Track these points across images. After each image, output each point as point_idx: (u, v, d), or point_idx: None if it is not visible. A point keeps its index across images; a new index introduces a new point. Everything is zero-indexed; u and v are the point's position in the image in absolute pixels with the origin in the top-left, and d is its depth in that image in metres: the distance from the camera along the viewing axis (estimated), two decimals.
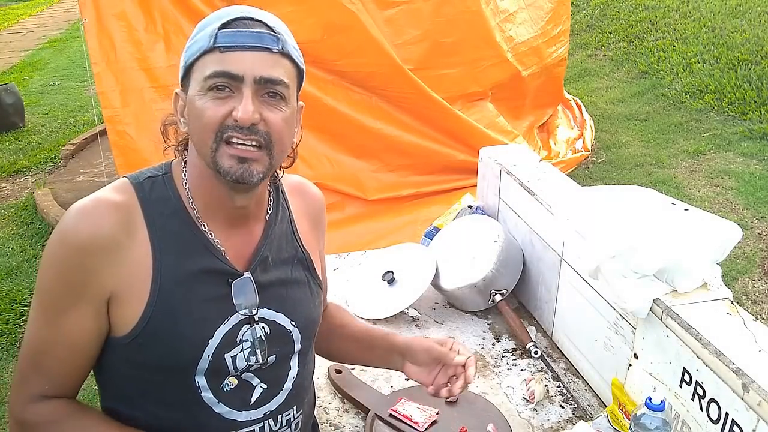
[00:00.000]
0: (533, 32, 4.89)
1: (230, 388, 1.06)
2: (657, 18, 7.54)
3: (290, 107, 1.02)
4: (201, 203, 1.06)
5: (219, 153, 0.98)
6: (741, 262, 3.60)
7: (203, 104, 0.98)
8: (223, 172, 0.99)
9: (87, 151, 5.88)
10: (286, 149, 1.05)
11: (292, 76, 1.02)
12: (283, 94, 1.00)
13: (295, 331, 1.13)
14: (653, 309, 1.32)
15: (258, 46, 0.97)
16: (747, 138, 5.12)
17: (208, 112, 0.97)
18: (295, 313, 1.13)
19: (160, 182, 1.05)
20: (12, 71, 8.81)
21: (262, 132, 0.99)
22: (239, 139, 0.97)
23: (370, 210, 4.07)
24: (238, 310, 1.06)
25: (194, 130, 1.01)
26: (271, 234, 1.13)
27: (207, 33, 0.98)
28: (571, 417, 1.55)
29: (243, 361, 1.06)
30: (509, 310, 1.89)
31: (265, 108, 0.99)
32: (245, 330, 1.06)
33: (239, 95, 0.97)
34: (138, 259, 1.00)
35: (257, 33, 0.98)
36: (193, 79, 1.00)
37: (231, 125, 0.97)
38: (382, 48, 3.91)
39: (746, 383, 1.08)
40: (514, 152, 2.20)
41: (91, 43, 3.55)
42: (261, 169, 1.00)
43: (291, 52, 1.01)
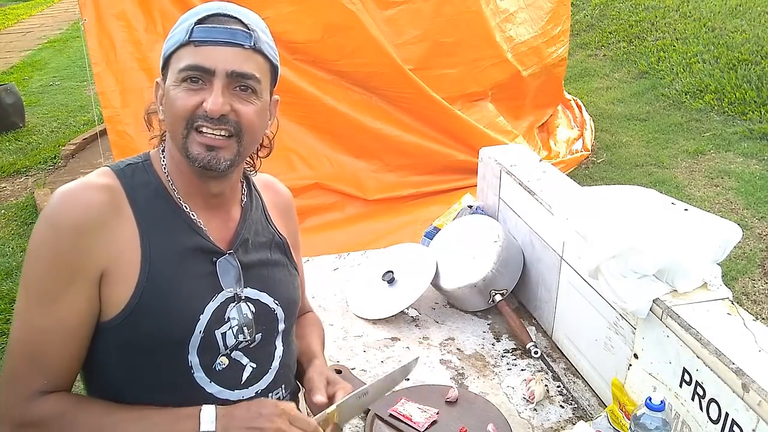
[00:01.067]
0: (533, 32, 4.89)
1: (222, 367, 1.09)
2: (657, 18, 7.54)
3: (262, 100, 1.08)
4: (180, 187, 1.11)
5: (189, 140, 1.04)
6: (741, 262, 3.59)
7: (176, 94, 1.03)
8: (192, 158, 1.04)
9: (87, 151, 5.88)
10: (256, 139, 1.11)
11: (264, 71, 1.07)
12: (254, 88, 1.05)
13: (279, 309, 1.17)
14: (653, 309, 1.32)
15: (231, 41, 1.02)
16: (747, 138, 5.12)
17: (180, 101, 1.02)
18: (278, 293, 1.18)
19: (141, 168, 1.10)
20: (12, 71, 8.81)
21: (232, 121, 1.04)
22: (208, 128, 1.03)
23: (370, 210, 4.07)
24: (225, 288, 1.10)
25: (168, 118, 1.07)
26: (249, 218, 1.18)
27: (184, 27, 1.03)
28: (571, 417, 1.55)
29: (232, 338, 1.09)
30: (509, 310, 1.89)
31: (235, 100, 1.04)
32: (232, 308, 1.10)
33: (210, 87, 1.02)
34: (126, 239, 1.03)
35: (231, 29, 1.03)
36: (170, 70, 1.05)
37: (201, 115, 1.02)
38: (382, 48, 3.91)
39: (746, 383, 1.08)
40: (514, 152, 2.20)
41: (91, 43, 3.55)
42: (229, 156, 1.05)
43: (264, 49, 1.06)
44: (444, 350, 1.80)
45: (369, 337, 1.86)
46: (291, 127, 3.88)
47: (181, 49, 1.03)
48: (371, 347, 1.81)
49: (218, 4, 1.05)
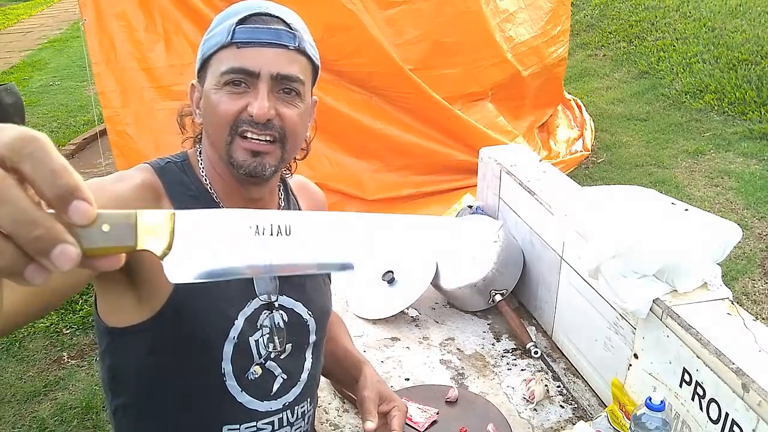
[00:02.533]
0: (533, 32, 4.89)
1: (255, 377, 1.06)
2: (657, 18, 7.54)
3: (305, 103, 1.04)
4: (218, 191, 1.07)
5: (233, 146, 1.00)
6: (741, 262, 3.59)
7: (219, 98, 0.99)
8: (237, 165, 1.00)
9: (87, 151, 5.88)
10: (299, 143, 1.07)
11: (307, 72, 1.03)
12: (298, 90, 1.01)
13: (311, 321, 1.14)
14: (653, 309, 1.32)
15: (275, 42, 0.98)
16: (747, 138, 5.12)
17: (223, 105, 0.98)
18: (312, 303, 1.14)
19: (180, 167, 1.07)
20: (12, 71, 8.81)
21: (276, 126, 1.00)
22: (254, 133, 0.99)
23: (370, 210, 4.06)
24: (258, 295, 1.06)
25: (209, 122, 1.02)
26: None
27: (225, 27, 0.99)
28: (571, 417, 1.55)
29: (263, 347, 1.07)
30: (509, 310, 1.89)
31: (280, 103, 1.00)
32: (265, 316, 1.07)
33: (255, 91, 0.98)
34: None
35: (275, 30, 0.98)
36: (210, 73, 1.01)
37: (246, 120, 0.98)
38: (382, 48, 3.91)
39: (746, 383, 1.08)
40: (514, 152, 2.20)
41: (91, 43, 3.55)
42: (273, 162, 1.02)
43: (307, 49, 1.02)
44: (444, 350, 1.80)
45: (369, 337, 1.86)
46: None
47: (223, 51, 0.99)
48: (371, 347, 1.81)
49: (258, 3, 1.01)
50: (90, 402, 2.81)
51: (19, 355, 3.17)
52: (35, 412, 2.81)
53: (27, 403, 2.86)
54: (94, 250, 0.46)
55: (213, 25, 1.03)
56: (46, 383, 2.97)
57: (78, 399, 2.85)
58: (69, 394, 2.89)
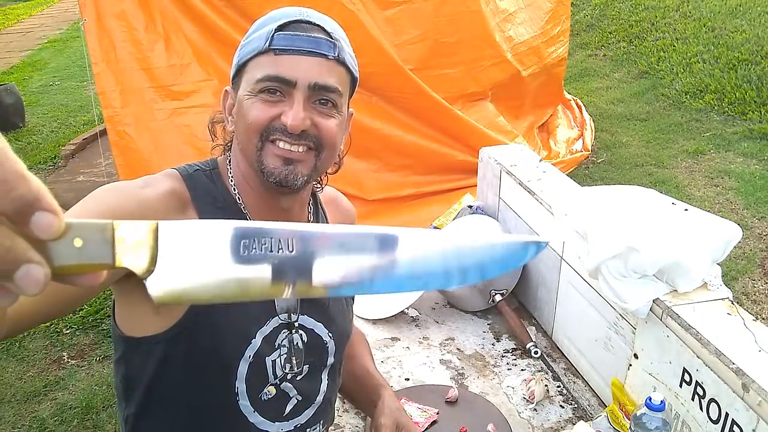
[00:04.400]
0: (533, 32, 4.89)
1: (268, 397, 1.04)
2: (657, 18, 7.54)
3: (342, 115, 1.01)
4: (247, 201, 1.03)
5: (264, 152, 0.96)
6: (741, 262, 3.59)
7: (252, 104, 0.96)
8: (267, 173, 0.97)
9: (87, 151, 5.88)
10: (334, 155, 1.04)
11: (345, 83, 1.00)
12: (335, 102, 0.98)
13: (331, 343, 1.11)
14: (653, 309, 1.32)
15: (314, 51, 0.95)
16: (747, 138, 5.12)
17: (256, 112, 0.95)
18: (334, 325, 1.11)
19: (209, 176, 1.03)
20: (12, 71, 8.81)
21: (311, 136, 0.97)
22: (286, 142, 0.96)
23: (370, 210, 4.06)
24: (279, 314, 1.03)
25: (240, 129, 0.99)
26: None
27: (263, 33, 0.95)
28: (571, 417, 1.55)
29: (279, 367, 1.04)
30: (509, 310, 1.89)
31: (315, 114, 0.97)
32: (284, 335, 1.04)
33: (290, 100, 0.95)
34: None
35: (314, 38, 0.95)
36: (245, 80, 0.98)
37: (279, 128, 0.95)
38: (382, 48, 3.91)
39: (746, 383, 1.08)
40: (514, 152, 2.20)
41: (91, 43, 3.55)
42: (306, 171, 0.98)
43: (347, 60, 0.99)
44: (444, 350, 1.80)
45: (369, 337, 1.86)
46: None
47: (260, 57, 0.95)
48: (371, 347, 1.81)
49: (299, 10, 0.97)
50: (90, 402, 2.81)
51: (19, 355, 3.17)
52: (35, 412, 2.80)
53: (27, 403, 2.86)
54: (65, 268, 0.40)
55: (251, 30, 0.99)
56: (46, 383, 2.97)
57: (78, 399, 2.85)
58: (69, 394, 2.89)
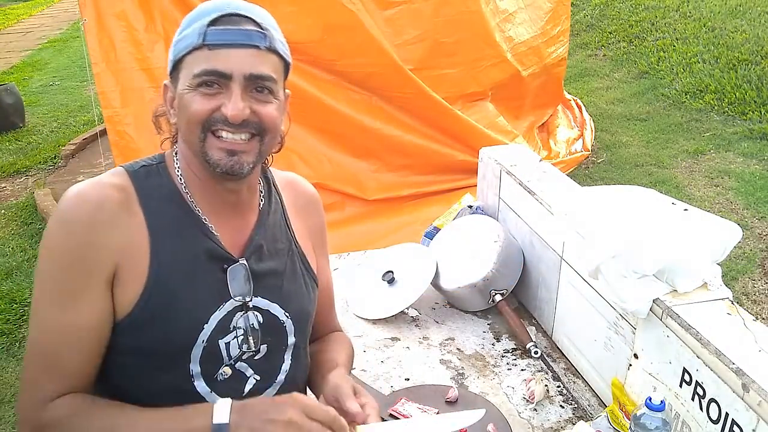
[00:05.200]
0: (533, 32, 4.89)
1: (224, 377, 1.07)
2: (657, 18, 7.54)
3: (279, 99, 1.06)
4: (194, 191, 1.08)
5: (208, 144, 1.02)
6: (741, 262, 3.59)
7: (192, 98, 1.00)
8: (213, 164, 1.02)
9: (87, 151, 5.89)
10: (276, 138, 1.09)
11: (279, 70, 1.05)
12: (271, 89, 1.03)
13: (289, 322, 1.14)
14: (653, 309, 1.32)
15: (247, 43, 1.00)
16: (747, 138, 5.12)
17: (196, 105, 1.00)
18: (290, 305, 1.14)
19: (155, 170, 1.08)
20: (12, 71, 8.81)
21: (252, 123, 1.02)
22: (228, 132, 1.01)
23: (370, 210, 4.07)
24: (233, 296, 1.07)
25: (182, 122, 1.04)
26: (265, 223, 1.14)
27: (196, 29, 1.00)
28: (571, 417, 1.55)
29: (236, 348, 1.07)
30: (509, 310, 1.89)
31: (254, 102, 1.02)
32: (239, 317, 1.07)
33: (228, 92, 1.00)
34: (136, 240, 1.01)
35: (246, 30, 1.00)
36: (183, 75, 1.02)
37: (219, 119, 1.00)
38: (382, 48, 3.91)
39: (746, 383, 1.08)
40: (514, 152, 2.20)
41: (91, 43, 3.55)
42: (251, 159, 1.04)
43: (278, 47, 1.04)
44: (444, 350, 1.80)
45: (369, 337, 1.86)
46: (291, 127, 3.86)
47: (195, 53, 1.00)
48: (371, 347, 1.81)
49: (227, 2, 1.02)
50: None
51: (19, 355, 3.17)
52: None
53: None
54: None
55: (183, 25, 1.04)
56: None
57: None
58: None
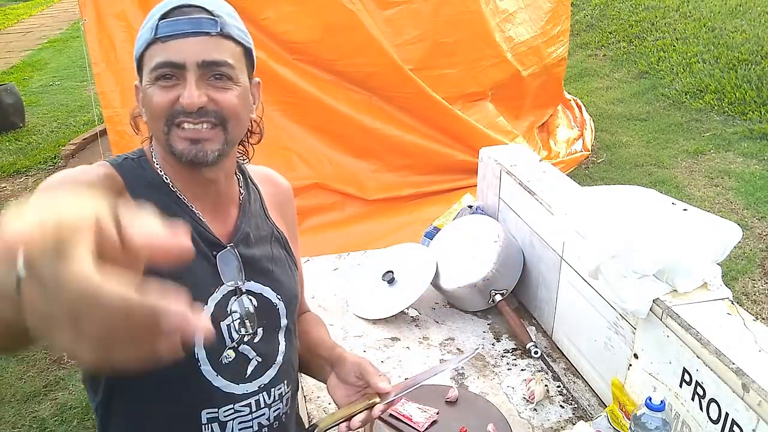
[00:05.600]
0: (533, 32, 4.89)
1: (229, 360, 1.09)
2: (657, 18, 7.54)
3: (240, 85, 1.05)
4: (176, 182, 1.10)
5: (171, 136, 1.03)
6: (741, 262, 3.59)
7: (152, 93, 1.02)
8: (178, 154, 1.03)
9: (87, 151, 5.88)
10: (242, 124, 1.09)
11: (237, 55, 1.05)
12: (229, 75, 1.03)
13: (281, 305, 1.16)
14: (653, 309, 1.32)
15: (197, 31, 1.00)
16: (747, 138, 5.12)
17: (156, 98, 1.01)
18: (281, 288, 1.17)
19: (137, 162, 1.11)
20: (12, 71, 8.81)
21: (212, 112, 1.02)
22: (190, 123, 1.01)
23: (370, 210, 4.07)
24: (225, 282, 1.09)
25: (148, 117, 1.06)
26: (248, 213, 1.17)
27: (150, 25, 1.02)
28: (571, 417, 1.55)
29: (235, 331, 1.09)
30: (509, 310, 1.89)
31: (212, 90, 1.02)
32: (233, 301, 1.09)
33: (184, 82, 1.00)
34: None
35: (195, 19, 1.01)
36: (144, 72, 1.04)
37: (179, 110, 1.01)
38: (382, 48, 3.91)
39: (746, 383, 1.08)
40: (514, 152, 2.20)
41: (91, 43, 3.55)
42: (216, 147, 1.04)
43: (232, 33, 1.04)
44: (444, 350, 1.80)
45: (369, 337, 1.86)
46: (291, 127, 3.88)
47: (150, 48, 1.02)
48: (371, 347, 1.81)
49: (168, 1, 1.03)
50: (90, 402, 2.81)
51: (19, 355, 3.17)
52: (35, 412, 2.81)
53: (27, 403, 2.86)
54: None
55: (142, 25, 1.05)
56: (46, 383, 2.97)
57: (78, 399, 2.85)
58: (69, 394, 2.89)
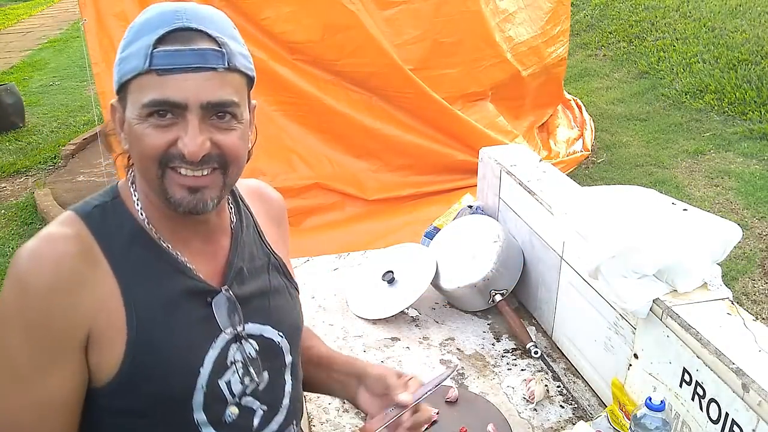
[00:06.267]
0: (533, 32, 4.89)
1: (233, 418, 0.98)
2: (657, 18, 7.54)
3: (243, 122, 0.93)
4: (159, 224, 0.95)
5: (167, 181, 0.89)
6: (741, 262, 3.59)
7: (143, 131, 0.87)
8: (175, 203, 0.90)
9: (87, 151, 5.89)
10: (242, 165, 0.96)
11: (242, 89, 0.92)
12: (233, 113, 0.90)
13: (284, 341, 1.06)
14: (653, 309, 1.32)
15: (202, 66, 0.86)
16: (747, 138, 5.12)
17: (150, 139, 0.87)
18: (282, 323, 1.06)
19: (111, 208, 0.94)
20: (12, 71, 8.81)
21: (214, 157, 0.90)
22: (188, 170, 0.88)
23: (370, 210, 4.07)
24: (223, 330, 0.97)
25: (136, 156, 0.91)
26: (240, 243, 1.04)
27: (141, 49, 0.86)
28: (571, 417, 1.55)
29: (238, 384, 0.98)
30: (509, 310, 1.89)
31: (214, 131, 0.89)
32: (234, 350, 0.98)
33: (184, 122, 0.87)
34: (106, 294, 0.89)
35: (200, 50, 0.86)
36: (130, 100, 0.88)
37: (177, 155, 0.87)
38: (382, 48, 3.91)
39: (746, 383, 1.08)
40: (514, 152, 2.20)
41: (91, 43, 3.56)
42: (215, 194, 0.92)
43: (239, 64, 0.90)
44: (444, 350, 1.80)
45: (369, 337, 1.86)
46: (291, 127, 3.88)
47: (141, 78, 0.86)
48: (371, 347, 1.81)
49: (174, 11, 0.87)
50: None
51: None
52: None
53: None
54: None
55: (127, 39, 0.89)
56: None
57: None
58: None
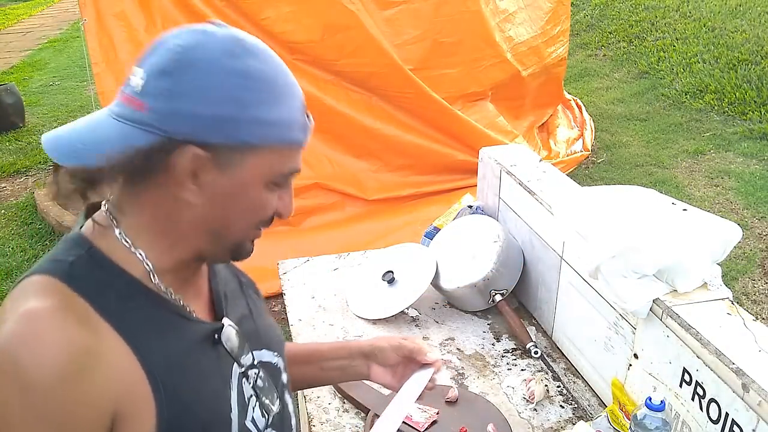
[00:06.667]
0: (533, 32, 4.90)
1: None
2: (657, 18, 7.54)
3: None
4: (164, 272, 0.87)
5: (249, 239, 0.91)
6: (741, 262, 3.60)
7: (265, 195, 0.86)
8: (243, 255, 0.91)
9: None
10: None
11: None
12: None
13: (279, 360, 1.03)
14: (653, 309, 1.32)
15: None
16: (747, 138, 5.13)
17: (269, 203, 0.87)
18: (273, 342, 1.03)
19: (91, 263, 0.81)
20: (12, 71, 8.81)
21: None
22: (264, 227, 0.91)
23: (370, 210, 4.07)
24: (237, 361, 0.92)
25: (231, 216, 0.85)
26: (214, 268, 1.00)
27: (298, 122, 0.85)
28: (571, 417, 1.55)
29: (261, 418, 0.93)
30: (509, 310, 1.89)
31: None
32: (245, 385, 0.93)
33: (287, 187, 0.89)
34: (122, 364, 0.78)
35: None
36: (253, 163, 0.82)
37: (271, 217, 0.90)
38: (382, 48, 3.91)
39: (746, 383, 1.08)
40: (514, 152, 2.20)
41: (91, 43, 3.56)
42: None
43: None
44: (444, 350, 1.80)
45: (369, 337, 1.86)
46: None
47: (291, 146, 0.86)
48: None
49: (286, 70, 0.85)
50: None
51: None
52: None
53: None
54: None
55: (266, 100, 0.80)
56: None
57: None
58: None
